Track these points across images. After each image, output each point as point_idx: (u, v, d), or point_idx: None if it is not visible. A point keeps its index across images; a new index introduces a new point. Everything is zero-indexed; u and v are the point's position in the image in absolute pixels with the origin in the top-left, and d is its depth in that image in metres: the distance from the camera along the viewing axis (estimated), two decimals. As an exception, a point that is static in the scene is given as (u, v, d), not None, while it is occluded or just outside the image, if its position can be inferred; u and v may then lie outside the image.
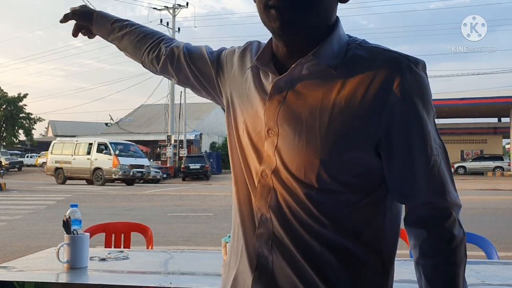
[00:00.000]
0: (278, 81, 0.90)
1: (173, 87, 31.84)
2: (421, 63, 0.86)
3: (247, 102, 0.97)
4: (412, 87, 0.84)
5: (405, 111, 0.83)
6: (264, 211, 0.91)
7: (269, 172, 0.90)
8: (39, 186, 21.38)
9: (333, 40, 0.89)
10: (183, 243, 7.30)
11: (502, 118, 34.99)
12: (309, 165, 0.85)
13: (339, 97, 0.85)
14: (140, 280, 2.02)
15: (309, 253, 0.87)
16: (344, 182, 0.85)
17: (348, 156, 0.84)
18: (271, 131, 0.90)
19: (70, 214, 2.17)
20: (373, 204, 0.88)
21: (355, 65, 0.86)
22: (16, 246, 7.05)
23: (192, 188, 20.29)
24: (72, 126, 54.92)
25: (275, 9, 0.85)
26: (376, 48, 0.89)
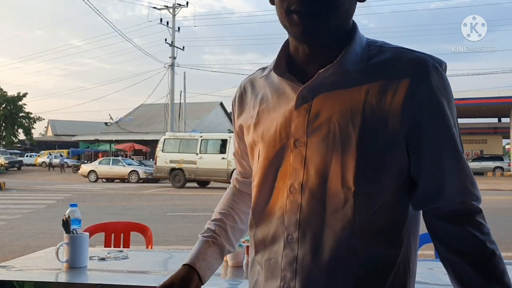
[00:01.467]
0: (303, 90, 0.89)
1: (173, 87, 31.84)
2: (444, 63, 0.88)
3: (265, 118, 0.96)
4: (439, 86, 0.85)
5: (433, 109, 0.85)
6: (291, 230, 0.88)
7: (298, 186, 0.88)
8: (38, 186, 21.38)
9: (356, 43, 0.89)
10: (183, 242, 7.30)
11: (502, 118, 34.99)
12: (346, 168, 0.84)
13: (368, 98, 0.85)
14: (140, 279, 2.02)
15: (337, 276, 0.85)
16: (381, 182, 0.85)
17: (383, 156, 0.85)
18: (299, 142, 0.89)
19: (70, 214, 2.17)
20: (400, 203, 0.88)
21: (381, 67, 0.87)
22: (15, 246, 7.05)
23: (191, 188, 20.28)
24: (72, 126, 54.89)
25: (297, 14, 0.85)
26: (399, 48, 0.90)
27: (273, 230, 0.92)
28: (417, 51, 0.89)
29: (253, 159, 1.00)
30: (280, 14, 0.89)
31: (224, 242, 1.11)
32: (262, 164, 0.94)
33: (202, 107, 39.88)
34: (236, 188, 1.20)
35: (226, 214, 1.15)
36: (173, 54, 31.69)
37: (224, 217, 1.14)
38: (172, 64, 31.72)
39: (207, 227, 1.13)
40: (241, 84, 1.08)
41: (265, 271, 0.93)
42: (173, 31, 31.89)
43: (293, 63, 0.94)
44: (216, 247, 1.10)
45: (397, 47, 0.91)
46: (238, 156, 1.14)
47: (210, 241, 1.10)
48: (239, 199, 1.18)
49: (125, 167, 25.71)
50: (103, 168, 26.04)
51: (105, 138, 38.64)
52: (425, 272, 1.96)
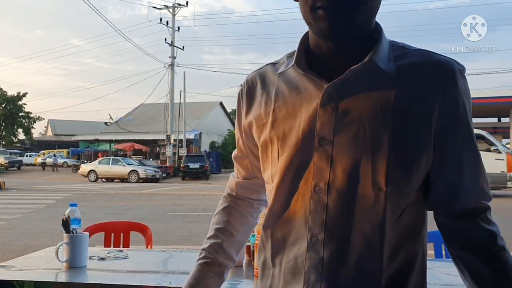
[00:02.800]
0: (329, 87, 0.86)
1: (172, 86, 31.85)
2: (465, 68, 0.90)
3: (284, 116, 0.92)
4: (463, 90, 0.87)
5: (458, 112, 0.87)
6: (316, 231, 0.86)
7: (323, 186, 0.85)
8: (38, 185, 21.37)
9: (384, 43, 0.89)
10: (183, 242, 7.31)
11: (502, 118, 34.98)
12: (377, 168, 0.83)
13: (398, 98, 0.85)
14: (140, 279, 2.02)
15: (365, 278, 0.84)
16: (411, 182, 0.85)
17: (414, 157, 0.85)
18: (324, 140, 0.86)
19: (70, 213, 2.17)
20: (420, 203, 0.89)
21: (410, 67, 0.87)
22: (15, 245, 7.05)
23: (191, 188, 20.29)
24: (72, 125, 54.88)
25: (323, 9, 0.83)
26: (424, 51, 0.90)
27: (294, 231, 0.89)
28: (441, 55, 0.89)
29: (266, 158, 0.96)
30: (305, 11, 0.87)
31: (221, 259, 1.08)
32: (283, 164, 0.91)
33: (202, 107, 39.88)
34: (232, 196, 1.15)
35: (221, 229, 1.11)
36: (173, 53, 31.71)
37: (219, 232, 1.11)
38: (172, 64, 31.74)
39: (202, 247, 1.11)
40: (248, 78, 1.03)
41: (284, 273, 0.91)
42: (173, 30, 31.89)
43: (313, 59, 0.91)
44: (211, 267, 1.07)
45: (421, 49, 0.91)
46: (243, 155, 1.09)
47: (204, 264, 1.07)
48: (234, 210, 1.13)
49: (125, 167, 25.73)
50: (103, 168, 26.06)
51: (105, 138, 38.64)
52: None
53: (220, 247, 1.09)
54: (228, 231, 1.11)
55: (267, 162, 0.96)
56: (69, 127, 54.14)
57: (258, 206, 1.15)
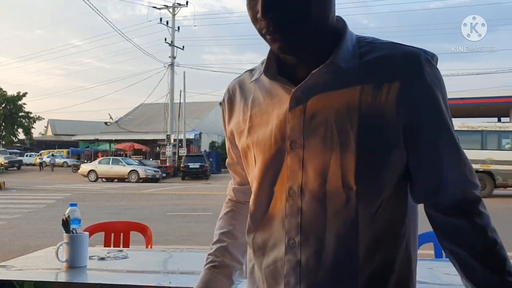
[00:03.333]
0: (296, 91, 0.87)
1: (172, 86, 31.85)
2: (436, 57, 0.88)
3: (258, 122, 0.94)
4: (433, 80, 0.85)
5: (428, 102, 0.85)
6: (293, 234, 0.87)
7: (297, 189, 0.87)
8: (38, 185, 21.37)
9: (347, 41, 0.88)
10: (183, 242, 7.31)
11: (502, 118, 34.99)
12: (346, 167, 0.83)
13: (364, 95, 0.84)
14: (139, 279, 2.02)
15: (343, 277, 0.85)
16: (382, 179, 0.85)
17: (383, 153, 0.84)
18: (295, 144, 0.87)
19: (70, 213, 2.17)
20: (399, 198, 0.88)
21: (376, 63, 0.86)
22: (15, 245, 7.05)
23: (191, 187, 20.29)
24: (72, 125, 54.89)
25: (268, 35, 0.85)
26: (391, 44, 0.89)
27: (272, 235, 0.91)
28: (408, 46, 0.88)
29: (247, 164, 0.98)
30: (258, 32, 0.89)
31: (228, 261, 1.09)
32: (259, 169, 0.92)
33: (202, 107, 39.88)
34: (233, 201, 1.17)
35: (225, 233, 1.12)
36: (173, 53, 31.71)
37: (223, 236, 1.12)
38: (172, 64, 31.73)
39: (208, 253, 1.12)
40: (229, 87, 1.06)
41: (266, 278, 0.92)
42: (173, 30, 31.88)
43: (283, 65, 0.92)
44: (219, 269, 1.08)
45: (388, 42, 0.89)
46: (234, 162, 1.11)
47: (211, 267, 1.08)
48: (237, 214, 1.15)
49: (124, 167, 25.73)
50: (103, 167, 26.06)
51: (105, 138, 38.64)
52: (425, 272, 1.96)
53: (226, 250, 1.10)
54: (232, 234, 1.12)
55: (248, 168, 0.99)
56: (69, 127, 54.14)
57: None
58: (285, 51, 0.87)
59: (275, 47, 0.86)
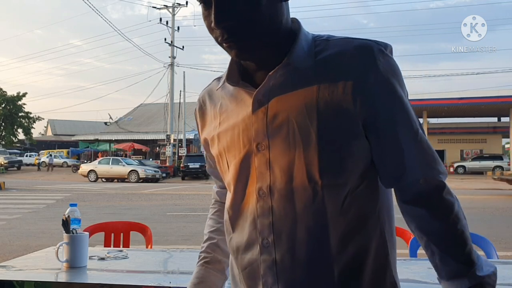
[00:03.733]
0: (257, 94, 0.90)
1: (172, 86, 31.83)
2: (389, 46, 0.90)
3: (227, 127, 0.97)
4: (387, 69, 0.87)
5: (385, 92, 0.87)
6: (266, 234, 0.89)
7: (266, 189, 0.89)
8: (38, 185, 21.37)
9: (302, 41, 0.91)
10: (183, 242, 7.31)
11: (502, 117, 34.99)
12: (310, 163, 0.86)
13: (321, 93, 0.87)
14: (140, 279, 2.02)
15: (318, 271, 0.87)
16: (346, 171, 0.87)
17: (344, 145, 0.86)
18: (261, 145, 0.90)
19: (70, 213, 2.17)
20: (368, 187, 0.90)
21: (330, 59, 0.88)
22: (15, 245, 7.05)
23: (191, 187, 20.30)
24: (72, 125, 54.91)
25: (224, 43, 0.88)
26: (345, 39, 0.91)
27: (246, 237, 0.93)
28: (361, 39, 0.90)
29: (222, 170, 1.01)
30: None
31: (219, 256, 1.12)
32: (232, 173, 0.95)
33: (201, 107, 39.79)
34: (218, 201, 1.22)
35: (214, 231, 1.16)
36: (173, 53, 31.70)
37: (213, 234, 1.15)
38: (171, 64, 31.73)
39: (199, 252, 1.15)
40: (199, 97, 1.09)
41: (245, 279, 0.94)
42: (173, 30, 31.88)
43: (245, 71, 0.96)
44: (212, 265, 1.12)
45: (343, 38, 0.91)
46: (212, 167, 1.14)
47: (204, 263, 1.12)
48: (223, 212, 1.15)
49: (124, 167, 25.72)
50: (103, 167, 26.06)
51: (105, 138, 38.65)
52: (424, 271, 1.96)
53: (217, 246, 1.13)
54: (221, 231, 1.13)
55: (223, 174, 1.01)
56: (69, 127, 54.16)
57: None
58: (241, 57, 0.90)
59: (232, 54, 0.89)
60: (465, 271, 0.88)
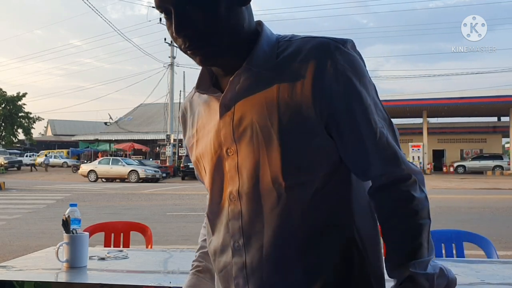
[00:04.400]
0: (223, 99, 0.92)
1: (172, 86, 31.83)
2: (350, 42, 0.89)
3: (202, 134, 0.99)
4: (344, 66, 0.86)
5: (342, 90, 0.86)
6: (237, 237, 0.91)
7: (235, 193, 0.91)
8: (38, 186, 21.37)
9: (262, 43, 0.91)
10: (183, 242, 7.30)
11: (502, 117, 35.00)
12: (273, 165, 0.86)
13: (281, 93, 0.87)
14: (140, 279, 2.02)
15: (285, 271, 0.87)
16: (309, 170, 0.87)
17: (306, 144, 0.86)
18: (230, 150, 0.91)
19: (70, 213, 2.17)
20: (338, 184, 0.90)
21: (289, 59, 0.89)
22: (15, 246, 7.05)
23: (191, 187, 20.29)
24: (71, 125, 54.93)
25: (187, 51, 0.89)
26: (304, 38, 0.90)
27: (221, 240, 0.94)
28: (321, 37, 0.89)
29: (201, 175, 1.04)
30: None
31: (211, 265, 1.11)
32: (208, 178, 0.97)
33: (201, 107, 39.83)
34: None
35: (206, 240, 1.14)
36: (173, 53, 31.70)
37: (204, 242, 1.15)
38: (171, 64, 31.73)
39: (192, 260, 1.16)
40: (182, 105, 1.11)
41: (222, 282, 0.96)
42: (173, 30, 31.82)
43: (216, 77, 0.97)
44: (203, 274, 1.13)
45: (303, 37, 0.91)
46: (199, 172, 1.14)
47: (195, 272, 1.14)
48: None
49: (124, 167, 25.72)
50: (103, 167, 26.05)
51: (105, 138, 38.65)
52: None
53: (208, 255, 1.10)
54: None
55: (202, 179, 1.04)
56: (68, 127, 54.18)
57: None
58: (206, 63, 0.92)
59: (196, 61, 0.90)
60: (404, 262, 0.86)
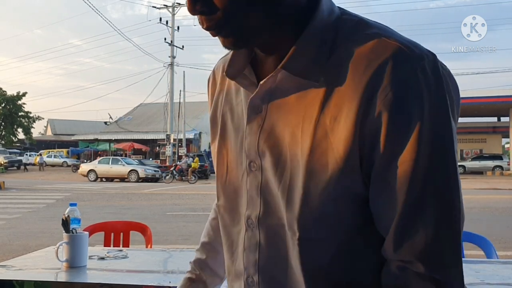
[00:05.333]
0: (254, 100, 0.70)
1: (172, 86, 31.82)
2: (433, 56, 0.63)
3: (228, 125, 0.79)
4: (423, 90, 0.61)
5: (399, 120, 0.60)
6: (251, 271, 0.74)
7: (254, 219, 0.72)
8: (38, 185, 21.36)
9: (310, 34, 0.66)
10: (182, 242, 7.30)
11: (502, 117, 34.99)
12: (291, 207, 0.67)
13: (323, 116, 0.64)
14: (139, 279, 2.02)
15: None
16: (332, 226, 0.66)
17: (335, 188, 0.64)
18: (253, 165, 0.72)
19: (69, 213, 2.17)
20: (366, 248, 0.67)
21: (344, 64, 0.64)
22: (15, 245, 7.05)
23: (191, 187, 20.28)
24: (71, 125, 54.92)
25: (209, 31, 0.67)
26: (371, 35, 0.64)
27: (236, 265, 0.78)
28: (394, 38, 0.63)
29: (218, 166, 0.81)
30: None
31: (205, 277, 1.01)
32: (227, 185, 0.78)
33: (201, 106, 39.85)
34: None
35: (206, 245, 1.03)
36: (173, 53, 31.71)
37: (204, 248, 1.03)
38: (171, 63, 31.73)
39: (191, 260, 1.05)
40: (215, 67, 0.88)
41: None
42: (173, 30, 31.87)
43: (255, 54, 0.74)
44: (195, 284, 1.02)
45: (374, 33, 0.64)
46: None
47: (188, 279, 1.03)
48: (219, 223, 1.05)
49: (124, 167, 25.70)
50: (103, 167, 26.04)
51: (105, 138, 38.64)
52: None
53: (205, 264, 1.02)
54: (213, 248, 1.02)
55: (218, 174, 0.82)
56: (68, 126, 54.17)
57: None
58: (231, 48, 0.69)
59: (222, 43, 0.68)
60: None
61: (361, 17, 0.69)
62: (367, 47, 0.63)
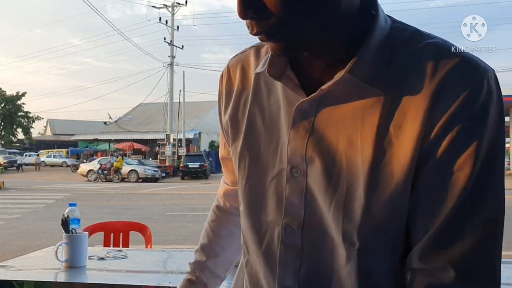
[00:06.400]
0: (303, 104, 0.67)
1: (172, 86, 31.83)
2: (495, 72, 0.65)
3: (255, 127, 0.76)
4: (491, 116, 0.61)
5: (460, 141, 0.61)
6: (287, 283, 0.70)
7: (296, 227, 0.69)
8: (37, 185, 21.36)
9: (373, 41, 0.65)
10: (182, 242, 7.31)
11: (501, 117, 35.02)
12: (349, 216, 0.64)
13: (384, 120, 0.63)
14: (139, 279, 2.01)
15: None
16: (387, 235, 0.65)
17: (398, 197, 0.63)
18: (297, 170, 0.69)
19: (69, 213, 2.17)
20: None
21: (405, 73, 0.64)
22: (14, 245, 7.05)
23: (191, 187, 20.29)
24: (71, 125, 54.88)
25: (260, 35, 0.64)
26: (432, 44, 0.65)
27: (261, 276, 0.75)
28: (455, 49, 0.64)
29: (239, 169, 0.78)
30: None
31: (205, 279, 1.00)
32: (252, 190, 0.75)
33: (201, 106, 39.87)
34: (219, 208, 1.03)
35: (206, 246, 1.02)
36: (172, 53, 31.72)
37: (204, 250, 1.02)
38: (171, 63, 31.74)
39: (190, 262, 1.04)
40: (230, 64, 0.84)
41: None
42: (172, 30, 31.88)
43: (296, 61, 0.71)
44: (195, 285, 1.01)
45: (429, 43, 0.65)
46: (229, 156, 0.87)
47: (188, 281, 1.02)
48: (221, 227, 1.02)
49: (124, 166, 25.71)
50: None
51: (104, 138, 38.66)
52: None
53: (205, 266, 1.01)
54: (213, 250, 1.01)
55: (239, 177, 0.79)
56: (68, 126, 54.12)
57: None
58: (285, 53, 0.66)
59: (272, 50, 0.66)
60: None
61: (412, 26, 0.69)
62: (428, 57, 0.63)
